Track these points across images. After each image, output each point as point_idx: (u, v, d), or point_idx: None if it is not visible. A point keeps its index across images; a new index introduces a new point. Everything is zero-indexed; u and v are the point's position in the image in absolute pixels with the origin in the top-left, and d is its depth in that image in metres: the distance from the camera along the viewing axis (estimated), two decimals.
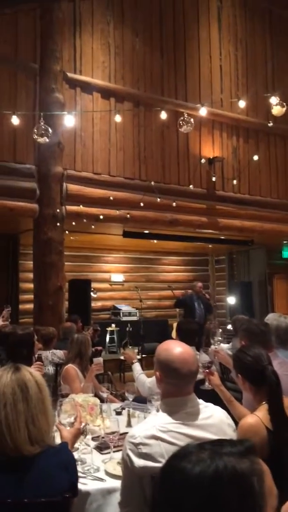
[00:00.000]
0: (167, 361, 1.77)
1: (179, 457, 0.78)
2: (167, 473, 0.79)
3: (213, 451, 0.77)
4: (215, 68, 8.53)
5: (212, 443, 0.81)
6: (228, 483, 0.72)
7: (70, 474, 1.68)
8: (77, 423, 2.06)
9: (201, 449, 0.78)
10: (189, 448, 0.79)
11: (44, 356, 4.55)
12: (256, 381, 2.20)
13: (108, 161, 7.17)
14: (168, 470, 0.79)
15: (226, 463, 0.74)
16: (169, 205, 7.43)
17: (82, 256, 10.29)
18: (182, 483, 0.74)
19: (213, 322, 5.54)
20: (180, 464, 0.77)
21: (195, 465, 0.75)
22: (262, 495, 0.73)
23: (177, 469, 0.77)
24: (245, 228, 8.53)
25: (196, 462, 0.75)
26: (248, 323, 3.02)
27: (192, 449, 0.79)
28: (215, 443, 0.81)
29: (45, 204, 6.48)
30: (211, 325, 4.95)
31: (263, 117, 8.46)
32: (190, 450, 0.79)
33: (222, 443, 0.80)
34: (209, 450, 0.78)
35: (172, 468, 0.78)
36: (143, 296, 10.11)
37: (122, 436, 2.36)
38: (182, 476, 0.75)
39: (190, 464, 0.75)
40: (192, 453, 0.78)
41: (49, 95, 6.55)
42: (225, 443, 0.80)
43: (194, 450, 0.78)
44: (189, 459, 0.77)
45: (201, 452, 0.77)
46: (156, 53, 7.85)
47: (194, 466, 0.75)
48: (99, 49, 7.28)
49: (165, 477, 0.79)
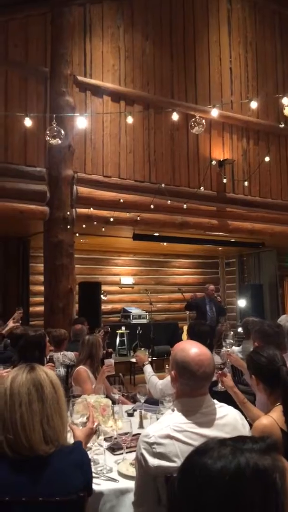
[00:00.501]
0: (183, 361, 1.76)
1: (200, 453, 0.78)
2: (188, 469, 0.78)
3: (234, 447, 0.76)
4: (225, 71, 8.53)
5: (233, 439, 0.80)
6: (250, 479, 0.71)
7: (85, 473, 1.68)
8: (90, 423, 2.06)
9: (222, 445, 0.77)
10: (210, 444, 0.78)
11: (56, 357, 4.57)
12: (271, 382, 2.18)
13: (118, 164, 7.19)
14: (189, 466, 0.78)
15: (248, 459, 0.73)
16: (179, 208, 7.43)
17: (92, 259, 10.32)
18: (203, 479, 0.73)
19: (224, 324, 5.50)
20: (201, 459, 0.76)
21: (217, 460, 0.74)
22: (285, 491, 0.72)
23: (198, 465, 0.76)
24: (256, 230, 8.50)
25: (218, 458, 0.74)
26: (261, 324, 3.00)
27: (213, 445, 0.78)
28: (236, 439, 0.80)
29: (55, 207, 6.51)
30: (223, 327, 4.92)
31: (274, 119, 8.44)
32: (211, 446, 0.78)
33: (244, 440, 0.79)
34: (231, 446, 0.76)
35: (193, 464, 0.77)
36: (153, 298, 10.11)
37: (134, 437, 2.35)
38: (204, 472, 0.74)
39: (212, 460, 0.74)
40: (213, 449, 0.77)
41: (59, 98, 6.59)
42: (246, 439, 0.79)
43: (215, 446, 0.77)
44: (211, 454, 0.76)
45: (222, 448, 0.76)
46: (166, 56, 7.86)
47: (215, 461, 0.74)
48: (109, 53, 7.31)
49: (185, 473, 0.78)
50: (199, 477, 0.74)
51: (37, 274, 8.28)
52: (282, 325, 3.06)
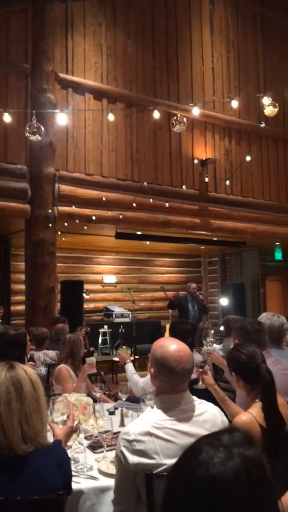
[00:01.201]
0: (162, 358, 1.77)
1: (192, 459, 0.79)
2: (185, 468, 0.79)
3: (225, 447, 0.77)
4: (207, 70, 8.56)
5: (223, 439, 0.81)
6: (246, 471, 0.73)
7: (64, 471, 1.67)
8: (69, 421, 2.05)
9: (213, 447, 0.79)
10: (201, 448, 0.80)
11: (36, 356, 4.53)
12: (250, 379, 2.20)
13: (100, 162, 7.16)
14: (186, 465, 0.79)
15: (236, 458, 0.75)
16: (162, 206, 7.44)
17: (74, 258, 10.27)
18: (203, 481, 0.74)
19: (206, 322, 5.54)
20: (195, 468, 0.77)
21: (220, 464, 0.75)
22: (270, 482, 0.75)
23: (195, 464, 0.77)
24: (238, 229, 8.56)
25: (222, 462, 0.76)
26: (242, 322, 3.02)
27: (204, 448, 0.79)
28: (224, 437, 0.81)
29: (37, 205, 6.45)
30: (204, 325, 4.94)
31: (255, 119, 8.52)
32: (202, 449, 0.79)
33: (229, 439, 0.81)
34: (223, 446, 0.78)
35: (189, 463, 0.78)
36: (135, 297, 10.10)
37: (115, 435, 2.35)
38: (202, 473, 0.75)
39: (212, 461, 0.76)
40: (205, 452, 0.78)
41: (40, 95, 6.53)
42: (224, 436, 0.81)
43: (206, 449, 0.79)
44: (210, 456, 0.77)
45: (218, 451, 0.78)
46: (148, 55, 7.86)
47: (217, 464, 0.75)
48: (91, 50, 7.28)
49: (182, 472, 0.79)
50: (195, 480, 0.75)
51: (19, 272, 8.19)
52: (262, 323, 3.09)
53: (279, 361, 2.81)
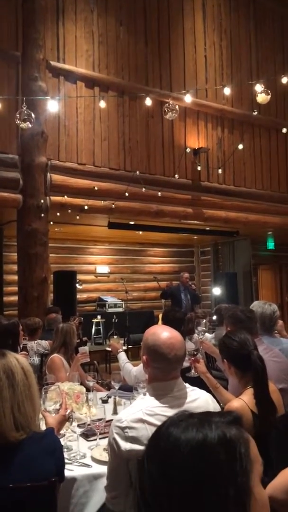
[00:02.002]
0: (154, 345, 1.77)
1: (167, 425, 0.78)
2: (155, 439, 0.79)
3: (201, 419, 0.77)
4: (199, 58, 8.50)
5: (201, 413, 0.81)
6: (217, 447, 0.73)
7: (56, 459, 1.68)
8: (62, 410, 2.06)
9: (190, 417, 0.78)
10: (177, 417, 0.79)
11: (30, 346, 4.53)
12: (242, 366, 2.21)
13: (92, 151, 7.11)
14: (156, 437, 0.79)
15: (214, 429, 0.74)
16: (155, 196, 7.42)
17: (67, 248, 10.24)
18: (170, 448, 0.74)
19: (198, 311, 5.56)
20: (168, 430, 0.77)
21: (184, 430, 0.75)
22: (250, 460, 0.74)
23: (165, 435, 0.76)
24: (230, 219, 8.56)
25: (185, 428, 0.75)
26: (234, 310, 3.03)
27: (181, 417, 0.79)
28: (204, 413, 0.81)
29: (29, 195, 6.40)
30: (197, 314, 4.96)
31: (248, 107, 8.48)
32: (179, 418, 0.79)
33: (210, 413, 0.81)
34: (198, 417, 0.78)
35: (160, 435, 0.78)
36: (128, 287, 10.10)
37: (108, 423, 2.35)
38: (170, 442, 0.75)
39: (178, 430, 0.75)
40: (181, 420, 0.78)
41: (32, 83, 6.45)
42: (213, 413, 0.81)
43: (183, 418, 0.78)
44: (178, 425, 0.76)
45: (190, 419, 0.77)
46: (140, 42, 7.78)
47: (182, 431, 0.75)
48: (83, 38, 7.19)
49: (152, 444, 0.79)
50: (167, 447, 0.75)
51: (11, 263, 8.15)
52: (254, 310, 3.10)
53: (270, 348, 2.82)
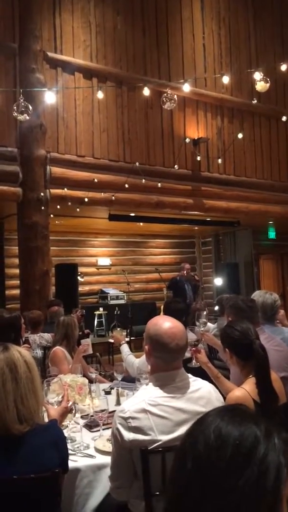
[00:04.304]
0: (156, 335, 1.77)
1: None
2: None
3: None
4: (198, 47, 8.42)
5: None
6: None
7: (60, 450, 1.69)
8: (64, 402, 2.07)
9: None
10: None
11: (32, 339, 4.55)
12: (244, 355, 2.21)
13: (92, 143, 7.07)
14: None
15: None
16: (155, 187, 7.39)
17: (68, 241, 10.24)
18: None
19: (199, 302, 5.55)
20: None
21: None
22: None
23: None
24: (231, 209, 8.53)
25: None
26: (235, 299, 3.03)
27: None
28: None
29: (28, 188, 6.38)
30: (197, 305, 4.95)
31: (247, 96, 8.41)
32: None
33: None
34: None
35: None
36: (130, 279, 10.12)
37: (111, 414, 2.37)
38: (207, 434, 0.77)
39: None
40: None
41: (29, 75, 6.39)
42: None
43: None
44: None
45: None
46: (138, 32, 7.70)
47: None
48: (80, 28, 7.12)
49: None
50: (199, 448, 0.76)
51: (12, 257, 8.15)
52: (255, 300, 3.10)
53: (272, 337, 2.83)
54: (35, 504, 1.59)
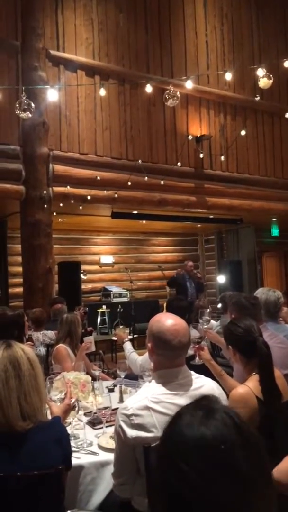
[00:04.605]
0: (159, 332, 1.77)
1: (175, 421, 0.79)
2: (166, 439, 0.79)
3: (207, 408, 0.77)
4: (201, 44, 8.39)
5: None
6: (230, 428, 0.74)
7: (63, 447, 1.69)
8: (67, 399, 2.07)
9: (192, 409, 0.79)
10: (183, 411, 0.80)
11: (35, 337, 4.56)
12: (247, 352, 2.21)
13: (94, 141, 7.07)
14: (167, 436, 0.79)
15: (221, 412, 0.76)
16: (157, 185, 7.38)
17: (71, 239, 10.24)
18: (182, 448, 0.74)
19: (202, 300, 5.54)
20: (176, 428, 0.78)
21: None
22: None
23: (175, 434, 0.77)
24: (234, 206, 8.52)
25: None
26: (238, 297, 3.03)
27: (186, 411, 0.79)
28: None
29: (31, 186, 6.39)
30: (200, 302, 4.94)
31: (250, 93, 8.38)
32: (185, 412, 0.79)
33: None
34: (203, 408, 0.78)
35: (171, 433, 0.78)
36: (133, 277, 10.12)
37: (114, 411, 2.37)
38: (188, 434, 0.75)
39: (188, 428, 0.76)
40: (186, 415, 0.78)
41: (32, 73, 6.40)
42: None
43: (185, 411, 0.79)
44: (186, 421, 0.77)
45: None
46: (140, 29, 7.69)
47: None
48: (82, 26, 7.11)
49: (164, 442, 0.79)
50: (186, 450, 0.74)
51: (15, 255, 8.17)
52: (258, 297, 3.10)
53: (275, 334, 2.83)
54: (38, 501, 1.60)
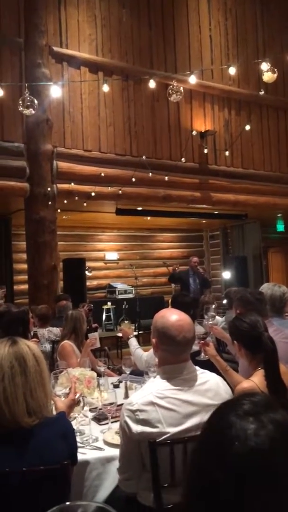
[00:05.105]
0: (163, 328, 1.77)
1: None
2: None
3: (256, 416, 0.73)
4: (204, 39, 8.34)
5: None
6: (281, 436, 0.70)
7: (69, 442, 1.69)
8: (71, 394, 2.07)
9: (241, 416, 0.74)
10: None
11: (41, 333, 4.57)
12: (253, 347, 2.20)
13: (98, 138, 7.06)
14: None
15: (270, 422, 0.72)
16: (162, 181, 7.36)
17: (75, 235, 10.26)
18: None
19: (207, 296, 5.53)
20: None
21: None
22: None
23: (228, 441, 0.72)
24: (239, 202, 8.48)
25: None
26: (243, 292, 3.02)
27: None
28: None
29: (35, 183, 6.39)
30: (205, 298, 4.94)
31: (255, 87, 8.33)
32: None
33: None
34: (251, 415, 0.74)
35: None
36: (138, 273, 10.12)
37: (119, 407, 2.37)
38: (238, 447, 0.70)
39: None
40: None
41: (35, 70, 6.38)
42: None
43: (234, 419, 0.74)
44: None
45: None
46: (144, 25, 7.65)
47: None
48: (85, 22, 7.09)
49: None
50: (234, 464, 0.69)
51: (20, 252, 8.18)
52: (263, 292, 3.09)
53: (280, 330, 2.82)
54: (44, 496, 1.60)
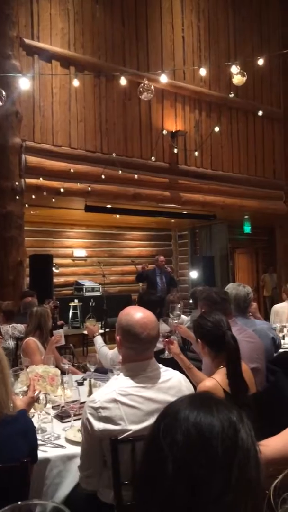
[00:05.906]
0: (128, 325, 1.77)
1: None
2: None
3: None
4: (177, 39, 8.38)
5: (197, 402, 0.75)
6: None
7: (29, 440, 1.68)
8: (30, 392, 2.05)
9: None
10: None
11: (5, 330, 4.49)
12: (216, 346, 2.23)
13: (68, 133, 6.98)
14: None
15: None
16: (131, 179, 7.36)
17: (43, 231, 10.12)
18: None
19: (174, 294, 5.57)
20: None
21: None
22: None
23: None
24: (207, 202, 8.58)
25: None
26: (208, 291, 3.06)
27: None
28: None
29: (3, 177, 6.28)
30: (171, 297, 4.96)
31: (225, 90, 8.43)
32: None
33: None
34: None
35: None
36: (106, 271, 10.08)
37: (82, 404, 2.36)
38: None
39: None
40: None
41: (5, 62, 6.26)
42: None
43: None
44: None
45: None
46: (117, 21, 7.61)
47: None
48: (58, 15, 6.99)
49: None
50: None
51: None
52: (228, 292, 3.13)
53: (244, 329, 2.87)
54: (3, 494, 1.58)
